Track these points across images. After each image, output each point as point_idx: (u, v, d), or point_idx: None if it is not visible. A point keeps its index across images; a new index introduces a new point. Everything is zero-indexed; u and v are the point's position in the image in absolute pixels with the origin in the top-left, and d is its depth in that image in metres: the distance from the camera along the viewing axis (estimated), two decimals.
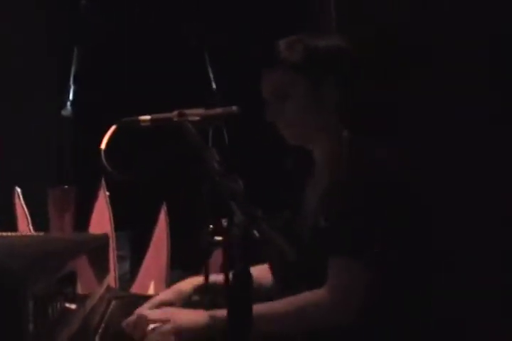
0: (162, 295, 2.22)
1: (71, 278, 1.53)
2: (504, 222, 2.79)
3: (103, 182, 3.07)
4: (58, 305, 1.34)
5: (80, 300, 1.66)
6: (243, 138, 2.63)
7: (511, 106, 2.79)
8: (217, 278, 2.40)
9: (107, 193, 3.07)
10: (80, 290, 1.64)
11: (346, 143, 2.08)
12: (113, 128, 1.80)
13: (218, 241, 1.60)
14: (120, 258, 3.21)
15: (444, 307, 2.09)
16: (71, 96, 3.65)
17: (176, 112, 1.80)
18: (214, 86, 3.75)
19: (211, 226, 1.61)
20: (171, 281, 2.86)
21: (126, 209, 3.23)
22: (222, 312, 1.97)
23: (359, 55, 2.15)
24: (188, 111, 1.81)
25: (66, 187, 2.28)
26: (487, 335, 2.63)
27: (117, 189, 3.08)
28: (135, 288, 3.02)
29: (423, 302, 2.05)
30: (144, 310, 2.10)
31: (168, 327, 1.95)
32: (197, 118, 1.81)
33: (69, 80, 3.60)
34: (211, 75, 3.71)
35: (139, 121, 1.83)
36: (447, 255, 2.54)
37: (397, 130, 2.60)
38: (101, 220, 3.06)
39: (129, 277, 3.32)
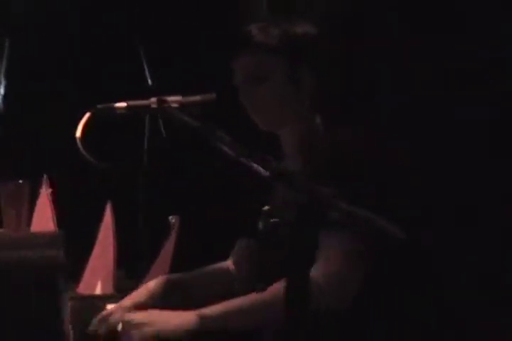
0: (133, 297, 2.14)
1: None
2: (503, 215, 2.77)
3: (45, 178, 2.94)
4: None
5: None
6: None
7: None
8: (187, 275, 2.33)
9: (50, 190, 2.94)
10: None
11: (319, 129, 2.05)
12: (87, 115, 1.70)
13: (276, 222, 1.47)
14: None
15: (443, 305, 2.05)
16: (1, 91, 3.52)
17: (154, 99, 1.73)
18: (150, 81, 3.66)
19: (266, 207, 1.46)
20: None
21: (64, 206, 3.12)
22: (209, 310, 1.90)
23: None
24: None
25: (20, 182, 2.16)
26: (487, 335, 2.61)
27: (59, 186, 2.95)
28: (81, 288, 2.90)
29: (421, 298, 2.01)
30: (118, 312, 2.02)
31: (151, 330, 1.87)
32: (176, 105, 1.73)
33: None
34: (146, 70, 3.62)
35: (115, 108, 1.74)
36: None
37: (371, 117, 2.55)
38: (43, 218, 2.92)
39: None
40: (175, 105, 1.73)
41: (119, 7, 3.72)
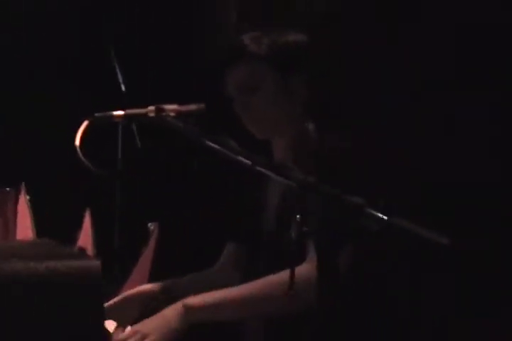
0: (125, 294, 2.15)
1: None
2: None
3: (23, 185, 2.91)
4: None
5: None
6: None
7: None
8: (173, 282, 2.33)
9: (28, 197, 2.91)
10: None
11: (311, 135, 2.08)
12: (85, 123, 1.70)
13: (307, 231, 1.45)
14: None
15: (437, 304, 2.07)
16: None
17: (152, 107, 1.73)
18: (123, 88, 3.65)
19: (298, 216, 1.45)
20: None
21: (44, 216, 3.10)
22: (193, 299, 1.90)
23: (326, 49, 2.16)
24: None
25: (8, 189, 2.14)
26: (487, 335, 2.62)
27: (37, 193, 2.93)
28: None
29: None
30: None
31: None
32: (172, 114, 1.73)
33: None
34: (120, 77, 3.61)
35: (112, 116, 1.74)
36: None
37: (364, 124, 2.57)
38: (22, 226, 2.89)
39: None
40: (172, 114, 1.73)
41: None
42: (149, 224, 2.97)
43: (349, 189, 1.86)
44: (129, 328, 2.05)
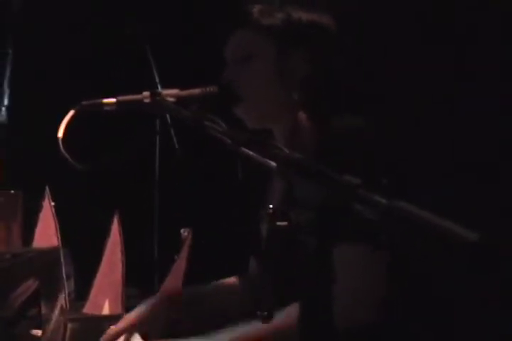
0: (137, 311, 1.98)
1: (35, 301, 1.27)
2: None
3: (47, 190, 2.76)
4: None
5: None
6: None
7: None
8: (198, 289, 2.16)
9: (53, 203, 2.76)
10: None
11: (306, 125, 1.87)
12: (71, 112, 1.51)
13: (283, 227, 1.19)
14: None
15: None
16: (6, 102, 3.37)
17: (146, 93, 1.54)
18: (157, 79, 3.49)
19: (271, 206, 1.18)
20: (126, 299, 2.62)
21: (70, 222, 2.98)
22: None
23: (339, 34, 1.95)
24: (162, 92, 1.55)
25: (12, 192, 1.98)
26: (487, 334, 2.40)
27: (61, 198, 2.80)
28: (88, 308, 2.72)
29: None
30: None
31: None
32: (172, 99, 1.54)
33: (2, 84, 3.33)
34: (153, 68, 3.46)
35: (102, 104, 1.55)
36: None
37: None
38: (46, 233, 2.75)
39: (74, 296, 3.07)
40: (171, 99, 1.54)
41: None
42: (182, 230, 2.82)
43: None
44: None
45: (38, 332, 1.20)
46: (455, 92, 2.66)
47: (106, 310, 2.72)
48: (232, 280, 2.20)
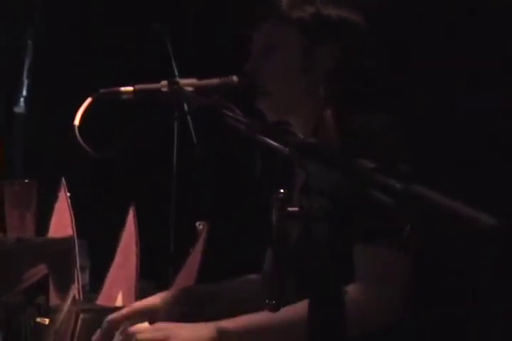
0: (145, 301, 1.95)
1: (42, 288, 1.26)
2: None
3: (63, 181, 2.75)
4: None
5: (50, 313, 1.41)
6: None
7: None
8: (214, 286, 2.13)
9: (68, 194, 2.75)
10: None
11: (330, 121, 1.83)
12: (88, 100, 1.50)
13: (294, 212, 1.15)
14: (80, 268, 2.94)
15: None
16: (24, 92, 3.36)
17: (164, 82, 1.52)
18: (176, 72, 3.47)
19: (282, 191, 1.13)
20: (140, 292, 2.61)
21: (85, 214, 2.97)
22: (229, 324, 1.71)
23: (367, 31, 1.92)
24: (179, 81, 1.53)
25: (27, 181, 1.97)
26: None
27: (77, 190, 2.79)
28: (102, 300, 2.71)
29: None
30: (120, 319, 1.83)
31: None
32: (190, 88, 1.52)
33: (22, 75, 3.32)
34: (174, 64, 3.44)
35: (120, 92, 1.54)
36: None
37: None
38: (62, 224, 2.74)
39: (88, 288, 3.06)
40: (189, 88, 1.53)
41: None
42: (198, 223, 2.80)
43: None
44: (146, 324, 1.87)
45: (45, 321, 1.19)
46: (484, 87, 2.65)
47: (119, 302, 2.71)
48: (253, 277, 2.17)
